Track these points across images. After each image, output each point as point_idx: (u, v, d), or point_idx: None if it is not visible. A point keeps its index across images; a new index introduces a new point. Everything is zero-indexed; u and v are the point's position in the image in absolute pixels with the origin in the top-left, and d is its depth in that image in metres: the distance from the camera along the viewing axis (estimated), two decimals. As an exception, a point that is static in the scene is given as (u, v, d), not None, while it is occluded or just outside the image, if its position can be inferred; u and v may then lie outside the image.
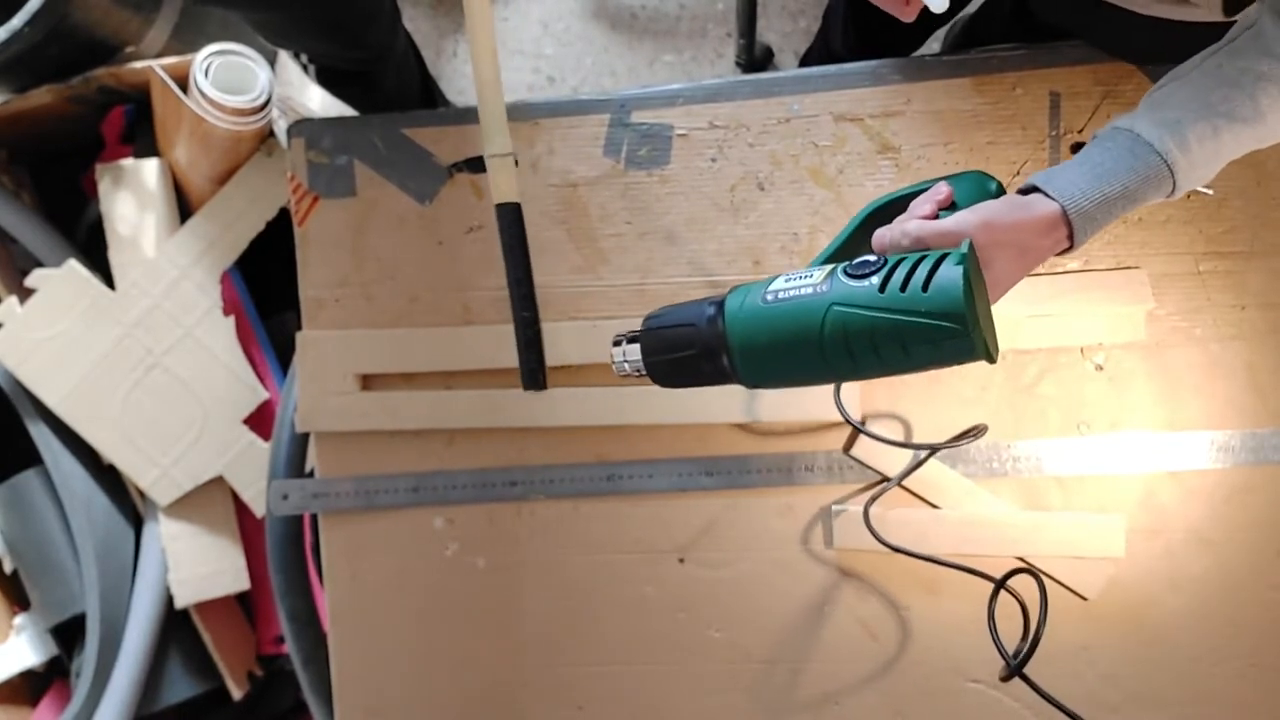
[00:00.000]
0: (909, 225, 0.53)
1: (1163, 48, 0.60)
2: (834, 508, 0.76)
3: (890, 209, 0.59)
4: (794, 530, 0.78)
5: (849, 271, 0.51)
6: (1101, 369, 0.76)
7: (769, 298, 0.52)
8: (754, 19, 1.27)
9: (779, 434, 0.78)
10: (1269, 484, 0.74)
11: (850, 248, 0.60)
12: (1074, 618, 0.75)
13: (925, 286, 0.47)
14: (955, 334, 0.47)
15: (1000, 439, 0.76)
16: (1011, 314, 0.74)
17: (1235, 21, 0.56)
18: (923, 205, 0.56)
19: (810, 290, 0.51)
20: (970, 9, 1.02)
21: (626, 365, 0.57)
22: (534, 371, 0.75)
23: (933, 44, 1.16)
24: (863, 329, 0.49)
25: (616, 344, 0.58)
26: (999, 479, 0.76)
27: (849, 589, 0.77)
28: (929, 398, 0.77)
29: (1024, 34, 0.82)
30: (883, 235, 0.54)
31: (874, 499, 0.72)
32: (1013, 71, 0.76)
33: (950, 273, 0.47)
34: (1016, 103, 0.76)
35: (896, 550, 0.71)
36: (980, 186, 0.58)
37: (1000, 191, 0.58)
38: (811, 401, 0.76)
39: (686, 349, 0.54)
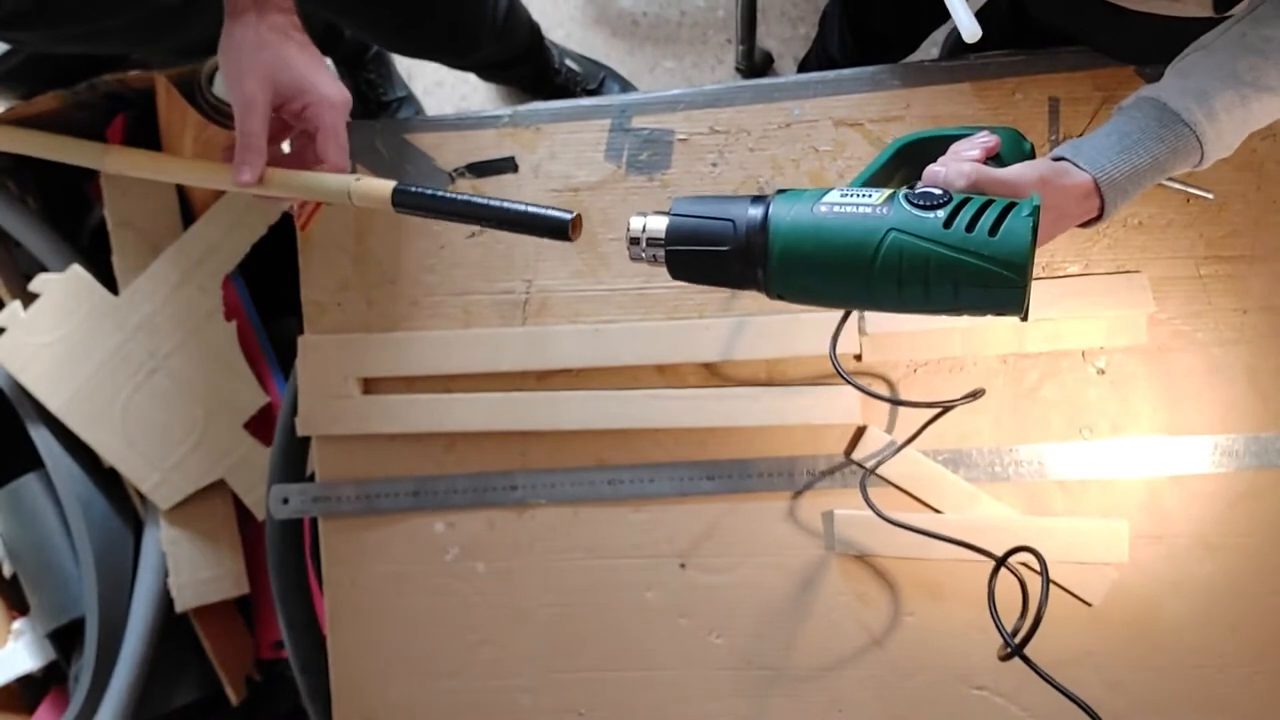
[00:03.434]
0: (965, 167, 0.51)
1: (1159, 47, 0.60)
2: (836, 512, 0.76)
3: (924, 147, 0.58)
4: (796, 534, 0.78)
5: (912, 200, 0.49)
6: (1103, 373, 0.76)
7: (822, 209, 0.50)
8: (754, 25, 1.28)
9: (780, 437, 0.78)
10: (1273, 488, 0.74)
11: (879, 180, 0.58)
12: (1078, 624, 0.74)
13: (993, 231, 0.47)
14: (1010, 284, 0.47)
15: (1002, 443, 0.76)
16: (1012, 318, 0.74)
17: (1229, 18, 0.56)
18: (971, 149, 0.54)
19: (870, 210, 0.50)
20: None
21: (644, 240, 0.53)
22: None
23: (930, 49, 1.16)
24: (919, 260, 0.48)
25: (640, 215, 0.54)
26: (1001, 483, 0.76)
27: (851, 594, 0.77)
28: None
29: (1020, 38, 0.83)
30: (937, 171, 0.52)
31: (880, 463, 0.72)
32: (1011, 77, 0.76)
33: (1020, 223, 0.47)
34: (1015, 108, 0.77)
35: (895, 524, 0.70)
36: (1016, 144, 0.57)
37: (1033, 153, 0.57)
38: (813, 403, 0.76)
39: (718, 245, 0.51)
